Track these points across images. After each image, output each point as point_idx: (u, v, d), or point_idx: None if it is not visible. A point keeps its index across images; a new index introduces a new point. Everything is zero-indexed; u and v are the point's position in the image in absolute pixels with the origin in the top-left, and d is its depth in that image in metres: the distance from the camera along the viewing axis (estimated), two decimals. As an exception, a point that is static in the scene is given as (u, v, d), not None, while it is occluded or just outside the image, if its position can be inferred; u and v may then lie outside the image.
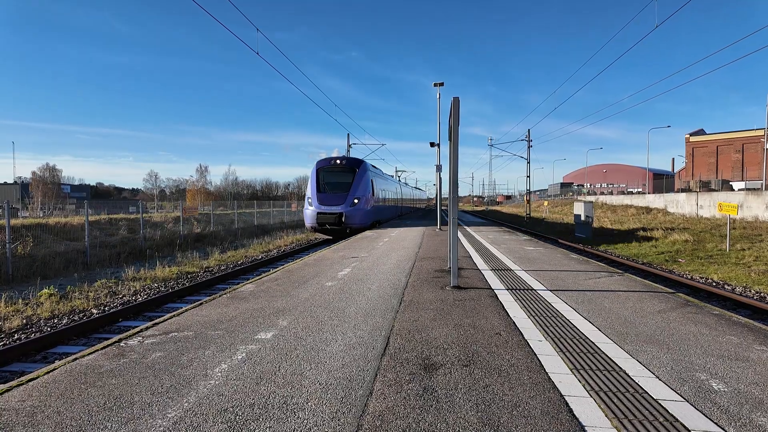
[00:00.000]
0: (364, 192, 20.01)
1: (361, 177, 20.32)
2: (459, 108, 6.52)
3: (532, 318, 4.89)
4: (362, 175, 20.47)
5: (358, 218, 19.27)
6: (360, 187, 19.87)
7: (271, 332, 4.37)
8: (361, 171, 20.58)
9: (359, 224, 19.46)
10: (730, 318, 4.95)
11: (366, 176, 20.84)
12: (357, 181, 19.96)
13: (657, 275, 11.96)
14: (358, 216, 19.35)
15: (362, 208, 19.62)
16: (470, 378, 3.25)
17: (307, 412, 2.75)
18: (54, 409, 2.81)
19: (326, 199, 19.32)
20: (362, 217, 19.66)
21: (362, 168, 20.94)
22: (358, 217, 19.29)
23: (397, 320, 4.78)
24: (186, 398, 2.94)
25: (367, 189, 20.50)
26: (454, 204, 6.68)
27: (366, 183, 20.58)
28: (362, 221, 19.68)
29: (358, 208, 19.30)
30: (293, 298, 5.90)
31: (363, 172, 20.71)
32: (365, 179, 20.65)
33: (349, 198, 19.29)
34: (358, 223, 19.30)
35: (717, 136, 50.93)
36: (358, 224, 19.39)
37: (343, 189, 19.66)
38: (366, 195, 20.16)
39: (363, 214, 19.73)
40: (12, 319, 7.71)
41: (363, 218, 19.75)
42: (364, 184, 20.36)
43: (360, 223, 19.47)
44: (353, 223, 19.13)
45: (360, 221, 19.46)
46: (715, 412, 2.76)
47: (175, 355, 3.74)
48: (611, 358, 3.67)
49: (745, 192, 26.61)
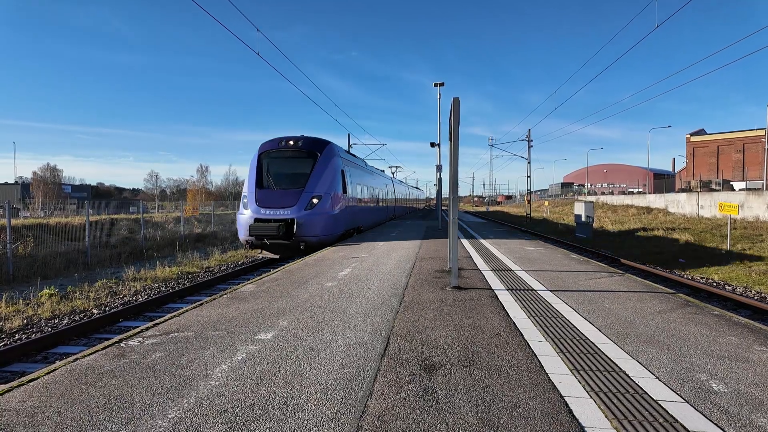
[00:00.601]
0: (329, 187, 13.87)
1: (326, 166, 14.11)
2: (459, 108, 6.53)
3: (532, 318, 4.90)
4: (327, 162, 14.22)
5: (318, 227, 13.14)
6: (323, 181, 13.76)
7: (272, 333, 4.37)
8: (324, 157, 14.24)
9: (321, 236, 13.27)
10: (730, 318, 4.94)
11: (333, 165, 14.51)
12: (319, 171, 13.84)
13: (657, 275, 11.96)
14: (319, 224, 13.17)
15: (326, 211, 13.43)
16: (470, 379, 3.25)
17: (307, 412, 2.76)
18: (54, 410, 2.81)
19: (269, 199, 13.20)
20: (326, 224, 13.48)
21: (327, 153, 14.48)
22: (318, 225, 13.13)
23: (397, 321, 4.78)
24: (186, 399, 2.95)
25: (334, 183, 14.29)
26: (454, 204, 6.68)
27: (333, 175, 14.36)
28: (326, 231, 13.51)
29: (318, 213, 13.13)
30: (293, 298, 5.91)
31: (328, 158, 14.34)
32: (332, 169, 14.35)
33: (304, 197, 13.13)
34: (319, 235, 13.14)
35: (718, 136, 50.89)
36: (320, 236, 13.20)
37: (297, 183, 13.60)
38: (332, 192, 14.03)
39: (327, 221, 13.52)
40: (13, 319, 7.72)
41: (327, 227, 13.58)
42: (331, 176, 14.18)
43: (323, 235, 13.33)
44: (310, 234, 12.89)
45: (323, 231, 13.32)
46: (715, 412, 2.76)
47: (176, 356, 3.75)
48: (611, 359, 3.67)
49: (746, 192, 26.59)
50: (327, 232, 13.52)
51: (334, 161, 14.65)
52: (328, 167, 14.17)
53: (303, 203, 13.03)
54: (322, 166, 13.99)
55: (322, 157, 14.19)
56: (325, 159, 14.24)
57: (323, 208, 13.37)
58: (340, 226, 14.78)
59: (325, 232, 13.42)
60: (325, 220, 13.39)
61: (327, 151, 14.56)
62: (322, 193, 13.50)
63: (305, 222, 12.82)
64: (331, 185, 14.03)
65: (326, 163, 14.19)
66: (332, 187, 14.08)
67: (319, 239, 13.11)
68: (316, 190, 13.42)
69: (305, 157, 14.21)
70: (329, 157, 14.48)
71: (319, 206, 13.23)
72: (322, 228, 13.31)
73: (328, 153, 14.60)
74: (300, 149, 14.33)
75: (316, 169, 13.86)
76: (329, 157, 14.46)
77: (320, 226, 13.20)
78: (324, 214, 13.38)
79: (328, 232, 13.63)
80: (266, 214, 12.90)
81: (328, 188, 13.80)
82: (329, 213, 13.66)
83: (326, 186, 13.77)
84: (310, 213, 13.01)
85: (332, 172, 14.32)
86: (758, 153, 42.99)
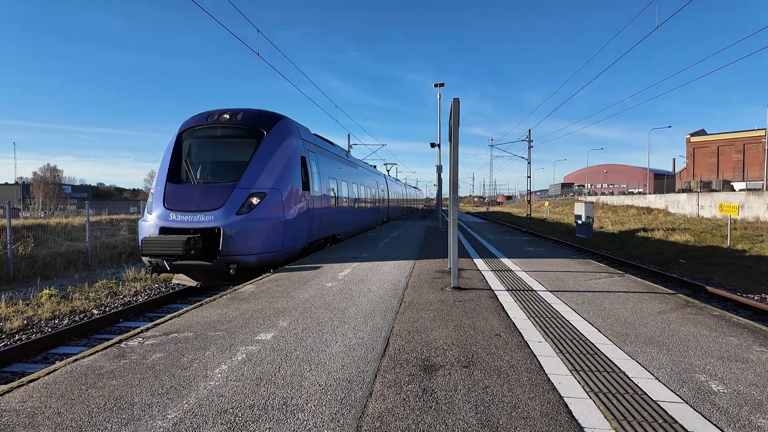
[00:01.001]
0: (280, 181, 9.55)
1: (275, 150, 9.75)
2: (459, 109, 6.53)
3: (532, 319, 4.90)
4: (278, 146, 9.86)
5: (259, 240, 8.86)
6: (270, 171, 9.45)
7: (271, 333, 4.38)
8: (274, 137, 9.88)
9: (265, 253, 9.00)
10: (730, 319, 4.94)
11: (288, 150, 10.10)
12: (263, 157, 9.52)
13: (657, 276, 11.96)
14: (260, 235, 8.89)
15: (272, 216, 9.16)
16: (470, 379, 3.26)
17: (306, 413, 2.76)
18: (54, 410, 2.82)
19: (184, 198, 9.03)
20: (273, 236, 9.14)
21: (279, 132, 10.07)
22: (258, 237, 8.86)
23: (397, 321, 4.79)
24: (186, 399, 2.95)
25: (289, 175, 9.93)
26: (454, 204, 6.69)
27: (287, 163, 9.95)
28: (273, 245, 9.18)
29: (259, 218, 8.89)
30: (293, 299, 5.91)
31: (280, 139, 9.98)
32: (285, 155, 9.95)
33: (238, 194, 8.94)
34: (260, 252, 8.89)
35: (718, 136, 50.87)
36: (262, 253, 8.94)
37: (229, 175, 9.45)
38: (286, 188, 9.70)
39: (275, 231, 9.19)
40: (13, 319, 7.73)
41: (275, 239, 9.21)
42: (282, 164, 9.79)
43: (267, 251, 9.04)
44: (245, 251, 8.69)
45: (267, 246, 9.02)
46: (715, 413, 2.77)
47: (176, 356, 3.75)
48: (611, 360, 3.67)
49: (746, 192, 26.59)
50: (274, 247, 9.11)
51: (289, 144, 10.11)
52: (279, 152, 9.71)
53: (234, 204, 8.68)
54: (269, 150, 9.59)
55: (271, 138, 9.74)
56: (274, 140, 9.78)
57: (268, 212, 8.97)
58: (301, 237, 10.41)
59: (270, 247, 8.99)
60: (270, 229, 8.95)
61: (279, 130, 10.00)
62: (267, 188, 9.11)
63: (237, 232, 8.46)
64: (282, 178, 9.56)
65: (276, 146, 9.73)
66: (285, 181, 9.66)
67: (260, 259, 8.78)
68: (257, 184, 9.04)
69: (245, 137, 9.77)
70: (282, 137, 9.99)
71: (260, 209, 8.84)
72: (266, 241, 8.89)
73: (281, 132, 10.02)
74: (237, 125, 9.88)
75: (260, 154, 9.44)
76: (281, 138, 9.97)
77: (262, 238, 8.80)
78: (269, 220, 8.95)
79: (277, 247, 9.19)
80: (177, 220, 8.58)
81: (277, 182, 9.37)
82: (278, 219, 9.19)
83: (274, 178, 9.34)
84: (246, 219, 8.62)
85: (285, 160, 9.85)
86: (758, 153, 42.99)
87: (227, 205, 8.72)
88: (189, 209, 8.74)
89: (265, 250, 8.98)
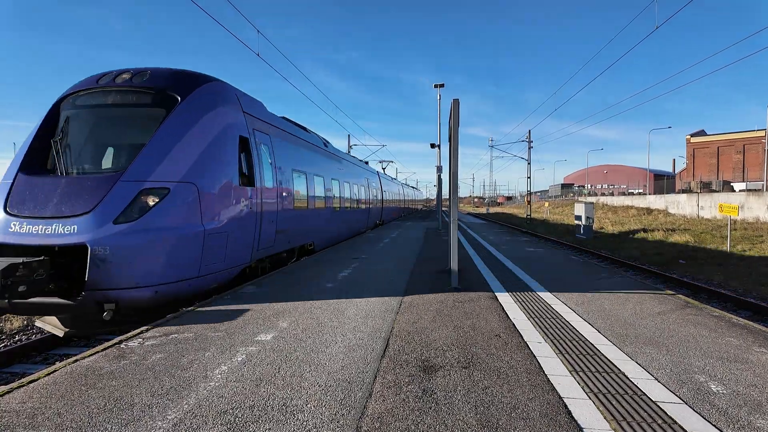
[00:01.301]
0: (197, 170, 6.32)
1: (193, 123, 6.52)
2: (459, 110, 6.54)
3: (531, 320, 4.90)
4: (199, 116, 6.66)
5: (154, 264, 5.61)
6: (182, 154, 6.21)
7: (271, 334, 4.38)
8: (192, 106, 6.68)
9: (164, 285, 5.70)
10: (730, 319, 4.95)
11: (215, 123, 6.91)
12: (172, 133, 6.27)
13: (658, 276, 11.96)
14: (157, 254, 5.65)
15: (179, 224, 5.92)
16: (469, 380, 3.26)
17: (306, 413, 2.76)
18: (54, 411, 2.82)
19: (39, 197, 5.65)
20: (177, 255, 5.84)
21: (201, 98, 6.89)
22: (154, 258, 5.62)
23: (397, 322, 4.79)
24: (186, 400, 2.95)
25: (217, 162, 6.75)
26: (454, 205, 6.70)
27: (215, 143, 6.78)
28: (179, 272, 5.91)
29: (155, 228, 5.62)
30: (293, 299, 5.91)
31: (202, 108, 6.80)
32: (211, 131, 6.77)
33: (120, 193, 5.61)
34: (155, 283, 5.61)
35: (718, 137, 50.89)
36: (159, 286, 5.65)
37: (114, 161, 6.39)
38: (208, 181, 6.45)
39: (181, 246, 5.90)
40: (13, 320, 7.73)
41: (184, 261, 5.95)
42: (204, 144, 6.56)
43: (168, 282, 5.74)
44: (128, 282, 5.40)
45: (165, 275, 5.71)
46: (714, 414, 2.77)
47: (176, 357, 3.75)
48: (610, 360, 3.68)
49: (746, 193, 26.59)
50: (184, 273, 6.01)
51: (217, 118, 6.98)
52: (198, 128, 6.57)
53: (113, 206, 5.54)
54: (182, 124, 6.44)
55: (188, 107, 6.62)
56: (193, 110, 6.67)
57: (173, 218, 5.90)
58: (238, 254, 7.23)
59: (176, 273, 5.90)
60: (176, 244, 5.88)
61: (201, 97, 6.92)
62: (174, 181, 5.99)
63: (116, 251, 5.34)
64: (202, 166, 6.43)
65: (195, 118, 6.61)
66: (207, 171, 6.51)
67: (156, 294, 5.68)
68: (155, 174, 5.89)
69: (149, 106, 6.62)
70: (205, 107, 6.88)
71: (159, 213, 5.74)
72: (170, 264, 5.81)
73: (205, 100, 6.95)
74: (140, 89, 6.66)
75: (166, 129, 6.28)
76: (205, 108, 6.86)
77: (161, 260, 5.72)
78: (174, 231, 5.85)
79: (190, 273, 6.11)
80: (20, 232, 5.40)
81: (191, 172, 6.24)
82: (191, 229, 6.07)
83: (187, 166, 6.22)
84: (132, 230, 5.50)
85: (210, 139, 6.67)
86: (758, 154, 43.00)
87: (101, 209, 5.43)
88: (42, 215, 5.44)
89: (166, 278, 5.71)
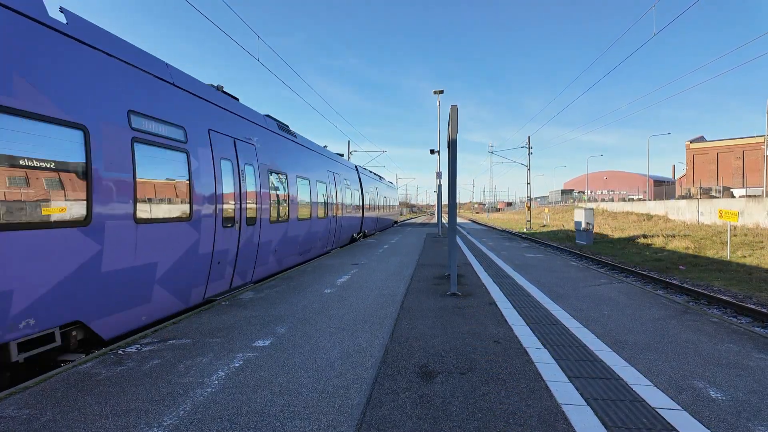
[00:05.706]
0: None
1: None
2: (457, 116, 6.57)
3: (530, 326, 4.89)
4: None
5: None
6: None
7: (269, 340, 4.37)
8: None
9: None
10: (729, 325, 4.93)
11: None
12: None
13: (657, 282, 11.93)
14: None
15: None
16: (468, 386, 3.24)
17: (304, 420, 2.75)
18: (50, 417, 2.81)
19: None
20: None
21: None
22: None
23: (396, 328, 4.77)
24: (182, 406, 2.94)
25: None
26: (453, 211, 6.70)
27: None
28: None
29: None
30: (291, 305, 5.90)
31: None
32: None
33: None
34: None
35: (717, 143, 50.98)
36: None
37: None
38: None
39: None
40: None
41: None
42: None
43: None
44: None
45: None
46: (713, 420, 2.75)
47: (173, 363, 3.74)
48: (609, 366, 3.66)
49: (746, 199, 26.59)
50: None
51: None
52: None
53: None
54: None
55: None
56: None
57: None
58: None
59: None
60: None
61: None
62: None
63: None
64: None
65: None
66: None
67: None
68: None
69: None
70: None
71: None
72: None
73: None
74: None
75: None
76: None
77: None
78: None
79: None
80: None
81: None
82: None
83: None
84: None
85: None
86: (758, 160, 43.07)
87: None
88: None
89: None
